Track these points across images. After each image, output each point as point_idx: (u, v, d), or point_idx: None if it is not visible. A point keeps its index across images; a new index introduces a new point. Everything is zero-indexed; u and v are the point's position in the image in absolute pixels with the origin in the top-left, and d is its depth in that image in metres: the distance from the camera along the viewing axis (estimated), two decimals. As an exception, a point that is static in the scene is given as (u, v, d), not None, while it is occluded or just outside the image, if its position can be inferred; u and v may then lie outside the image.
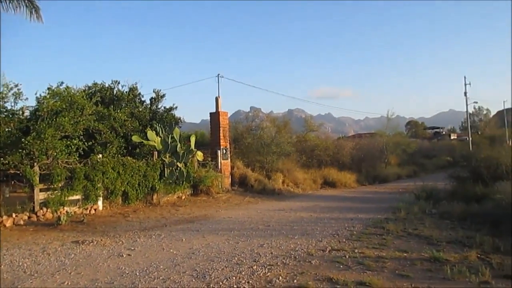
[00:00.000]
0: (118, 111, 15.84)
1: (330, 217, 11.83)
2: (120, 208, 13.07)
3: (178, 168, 15.21)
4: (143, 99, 19.57)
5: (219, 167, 18.54)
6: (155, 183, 14.29)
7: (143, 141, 15.41)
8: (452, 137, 71.57)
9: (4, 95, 11.81)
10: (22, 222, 10.59)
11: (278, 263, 6.70)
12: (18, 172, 11.23)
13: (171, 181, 15.02)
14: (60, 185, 11.54)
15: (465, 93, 50.05)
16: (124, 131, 15.82)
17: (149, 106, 19.42)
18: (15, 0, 13.39)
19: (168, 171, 14.85)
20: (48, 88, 13.04)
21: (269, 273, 6.14)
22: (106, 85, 18.56)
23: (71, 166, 11.93)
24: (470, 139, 48.28)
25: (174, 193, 15.43)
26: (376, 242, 8.18)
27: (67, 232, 9.69)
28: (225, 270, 6.34)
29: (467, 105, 51.28)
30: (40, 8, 13.85)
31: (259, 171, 20.78)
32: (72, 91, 13.62)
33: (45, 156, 11.35)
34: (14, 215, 10.58)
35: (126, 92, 18.64)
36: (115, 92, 18.55)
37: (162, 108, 19.70)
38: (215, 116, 19.58)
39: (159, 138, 15.45)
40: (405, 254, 7.17)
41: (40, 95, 12.67)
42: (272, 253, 7.40)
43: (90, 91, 17.65)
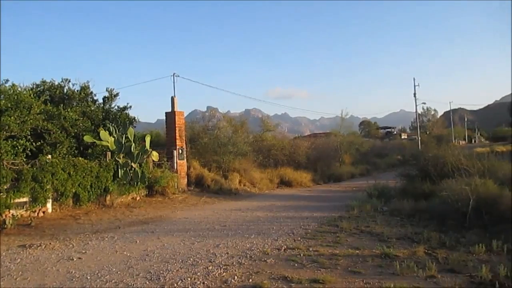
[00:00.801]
0: (69, 110, 15.30)
1: (286, 216, 11.92)
2: (71, 210, 12.60)
3: (133, 169, 14.86)
4: (96, 98, 19.00)
5: (175, 168, 18.28)
6: (108, 184, 13.88)
7: (96, 141, 14.94)
8: (403, 137, 74.21)
9: None
10: (-36, 227, 10.01)
11: (234, 263, 6.66)
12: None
13: (125, 182, 14.64)
14: (6, 187, 10.98)
15: (415, 94, 52.01)
16: (76, 131, 15.30)
17: (102, 106, 18.87)
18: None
19: (122, 172, 14.47)
20: (-8, 86, 12.44)
21: (225, 273, 6.10)
22: (56, 83, 17.90)
23: (18, 168, 11.38)
24: (419, 139, 50.23)
25: (129, 194, 15.05)
26: (330, 240, 8.31)
27: (13, 236, 9.24)
28: (180, 271, 6.24)
29: (416, 106, 53.32)
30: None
31: (216, 171, 20.66)
32: (19, 89, 13.07)
33: (-11, 157, 10.80)
34: (-45, 220, 9.98)
35: (78, 91, 18.04)
36: (66, 91, 17.92)
37: (116, 108, 19.20)
38: (171, 116, 19.29)
39: (113, 138, 15.03)
40: (358, 251, 7.31)
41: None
42: (228, 253, 7.35)
43: (38, 90, 17.00)
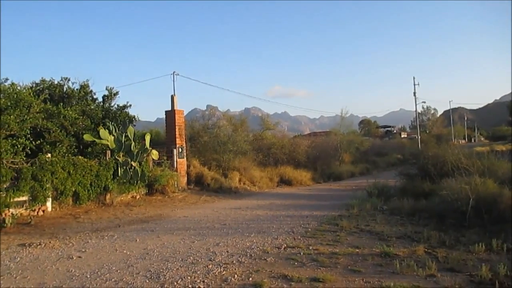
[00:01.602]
0: (69, 109, 15.27)
1: (286, 215, 11.92)
2: (71, 209, 12.59)
3: (132, 167, 14.85)
4: (95, 97, 18.99)
5: (175, 166, 18.27)
6: (108, 183, 13.87)
7: (96, 140, 14.94)
8: (403, 136, 74.19)
9: None
10: (-36, 226, 10.01)
11: (234, 262, 6.66)
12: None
13: (125, 181, 14.64)
14: (5, 186, 10.97)
15: (414, 93, 52.01)
16: (75, 130, 15.28)
17: (102, 104, 18.85)
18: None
19: (122, 171, 14.46)
20: (-8, 85, 12.42)
21: (225, 272, 6.10)
22: (55, 82, 17.89)
23: (17, 166, 11.38)
24: (419, 138, 50.25)
25: (128, 193, 15.05)
26: (330, 239, 8.30)
27: (13, 235, 9.23)
28: (180, 270, 6.24)
29: (416, 105, 53.31)
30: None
31: (216, 170, 20.65)
32: (18, 88, 13.04)
33: (-11, 156, 10.78)
34: (-45, 218, 9.98)
35: (77, 90, 18.03)
36: (65, 90, 17.90)
37: (116, 106, 19.18)
38: (171, 114, 19.28)
39: (112, 137, 15.01)
40: (357, 250, 7.30)
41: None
42: (228, 252, 7.35)
43: (38, 88, 16.98)
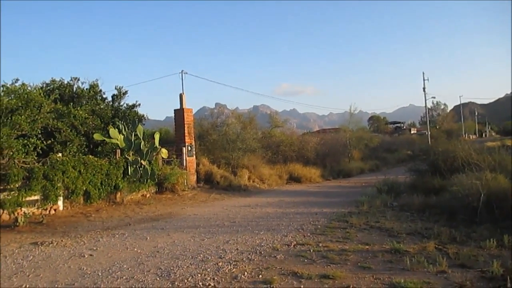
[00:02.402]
0: (79, 109, 15.41)
1: (296, 212, 11.93)
2: (82, 208, 12.71)
3: (142, 166, 14.94)
4: (105, 96, 19.15)
5: (184, 164, 18.35)
6: (118, 182, 13.98)
7: (105, 139, 15.04)
8: (412, 132, 73.66)
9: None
10: (-23, 225, 10.15)
11: (244, 259, 6.68)
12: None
13: (135, 179, 14.74)
14: (17, 186, 11.09)
15: (424, 89, 51.60)
16: (85, 129, 15.40)
17: (111, 104, 19.00)
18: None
19: (132, 169, 14.55)
20: (3, 86, 12.55)
21: (235, 269, 6.12)
22: (65, 82, 18.07)
23: (29, 166, 11.50)
24: (429, 133, 49.86)
25: (138, 192, 15.15)
26: (340, 236, 8.29)
27: (25, 234, 9.35)
28: (190, 268, 6.27)
29: (426, 100, 52.89)
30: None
31: (225, 168, 20.71)
32: (29, 88, 13.17)
33: (1, 156, 10.91)
34: (-32, 218, 10.13)
35: (87, 89, 18.19)
36: (75, 89, 18.08)
37: (125, 105, 19.33)
38: (180, 113, 19.35)
39: (122, 136, 15.12)
40: (367, 247, 7.29)
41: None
42: (238, 249, 7.38)
43: (48, 88, 17.15)
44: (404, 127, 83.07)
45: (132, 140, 15.16)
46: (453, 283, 5.32)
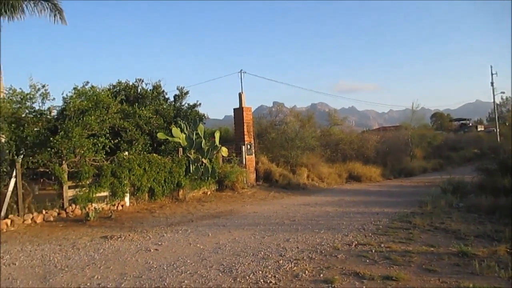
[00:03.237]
0: (143, 109, 16.03)
1: (356, 212, 11.74)
2: (147, 204, 13.25)
3: (203, 164, 15.32)
4: (167, 97, 19.83)
5: (244, 163, 18.60)
6: (181, 179, 14.43)
7: (168, 138, 15.55)
8: (479, 129, 69.85)
9: (32, 96, 12.07)
10: (52, 219, 10.85)
11: (304, 258, 6.68)
12: (47, 170, 11.51)
13: (197, 177, 15.14)
14: (88, 182, 11.77)
15: (492, 83, 48.98)
16: (149, 129, 16.01)
17: (173, 103, 19.62)
18: (40, 4, 13.64)
19: (193, 167, 14.96)
20: (74, 88, 13.27)
21: (295, 268, 6.14)
22: (130, 84, 18.84)
23: (98, 164, 12.15)
24: (498, 131, 47.12)
25: (200, 189, 15.55)
26: (403, 237, 8.06)
27: (96, 228, 9.88)
28: (252, 265, 6.36)
29: (494, 96, 50.12)
30: (63, 11, 14.08)
31: (284, 166, 20.75)
32: (98, 90, 13.84)
33: (73, 154, 11.58)
34: (44, 212, 10.85)
35: (150, 90, 18.88)
36: (139, 90, 18.80)
37: (186, 105, 19.89)
38: (239, 112, 19.62)
39: (184, 135, 15.57)
40: (432, 249, 7.04)
41: (67, 95, 12.92)
42: (298, 248, 7.39)
43: (115, 90, 17.93)
44: (470, 124, 79.06)
45: (194, 139, 15.57)
46: (527, 289, 5.04)
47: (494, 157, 15.55)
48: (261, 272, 5.95)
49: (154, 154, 14.29)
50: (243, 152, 18.74)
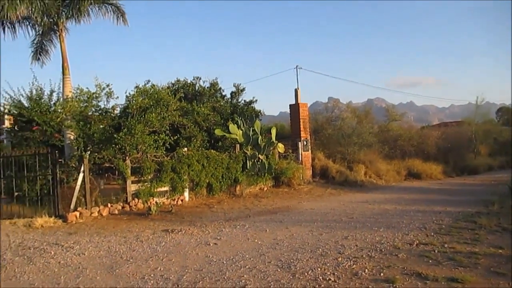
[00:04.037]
0: (201, 106, 16.39)
1: (416, 210, 11.39)
2: (205, 199, 13.55)
3: (260, 160, 15.45)
4: (224, 94, 20.14)
5: (300, 159, 18.55)
6: (238, 175, 14.64)
7: (226, 134, 15.81)
8: (552, 124, 65.44)
9: (98, 95, 12.69)
10: (117, 212, 11.37)
11: (364, 256, 6.58)
12: (112, 166, 12.06)
13: (253, 173, 15.30)
14: (150, 177, 12.21)
15: None
16: (207, 125, 16.35)
17: (230, 100, 19.91)
18: (104, 7, 14.26)
19: (250, 163, 15.13)
20: (136, 87, 13.81)
21: (355, 266, 6.06)
22: (188, 81, 19.32)
23: (159, 160, 12.57)
24: None
25: (256, 185, 15.70)
26: (468, 237, 7.73)
27: (157, 221, 10.24)
28: (310, 261, 6.35)
29: None
30: (126, 13, 14.64)
31: (340, 163, 20.48)
32: (158, 89, 14.31)
33: (136, 151, 12.05)
34: (110, 205, 11.39)
35: (208, 88, 19.27)
36: (197, 88, 19.24)
37: (243, 102, 20.12)
38: (295, 108, 19.57)
39: (241, 131, 15.76)
40: (501, 251, 6.68)
41: (129, 94, 13.47)
42: (357, 246, 7.28)
43: (174, 88, 18.46)
44: (541, 119, 74.29)
45: (250, 135, 15.72)
46: None
47: None
48: (320, 269, 5.92)
49: (212, 150, 14.59)
50: (299, 148, 18.70)
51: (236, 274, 5.82)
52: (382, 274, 5.62)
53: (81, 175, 11.06)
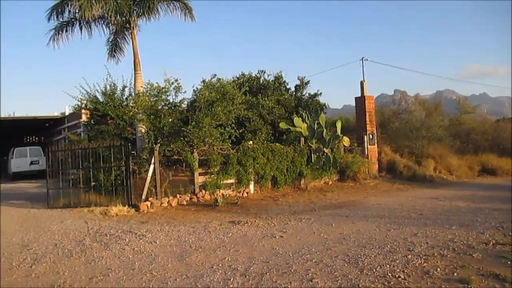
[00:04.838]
0: (265, 99, 16.49)
1: (492, 208, 10.76)
2: (270, 192, 13.66)
3: (325, 154, 15.30)
4: (288, 87, 20.13)
5: (366, 153, 18.17)
6: (303, 169, 14.61)
7: (290, 128, 15.80)
8: None
9: (167, 89, 13.12)
10: (185, 203, 11.77)
11: (435, 254, 6.33)
12: (180, 158, 12.47)
13: (318, 167, 15.19)
14: (216, 170, 12.50)
15: None
16: (271, 118, 16.45)
17: (294, 93, 19.86)
18: (172, 4, 14.71)
19: (315, 157, 15.03)
20: (203, 81, 14.14)
21: (426, 264, 5.85)
22: (253, 75, 19.49)
23: (225, 152, 12.82)
24: None
25: (321, 179, 15.58)
26: (553, 238, 7.22)
27: (224, 213, 10.46)
28: (378, 257, 6.22)
29: None
30: (193, 9, 14.99)
31: (408, 157, 19.81)
32: (224, 83, 14.57)
33: (203, 143, 12.37)
34: (178, 196, 11.81)
35: (272, 81, 19.34)
36: (262, 81, 19.37)
37: (307, 95, 20.01)
38: (361, 101, 19.16)
39: (305, 125, 15.68)
40: None
41: (197, 88, 13.82)
42: (428, 243, 7.02)
43: (239, 82, 18.69)
44: None
45: (315, 129, 15.60)
46: None
47: None
48: (389, 266, 5.78)
49: (277, 144, 14.65)
50: (365, 142, 18.31)
51: (303, 268, 5.82)
52: (456, 274, 5.39)
53: (152, 167, 11.53)
